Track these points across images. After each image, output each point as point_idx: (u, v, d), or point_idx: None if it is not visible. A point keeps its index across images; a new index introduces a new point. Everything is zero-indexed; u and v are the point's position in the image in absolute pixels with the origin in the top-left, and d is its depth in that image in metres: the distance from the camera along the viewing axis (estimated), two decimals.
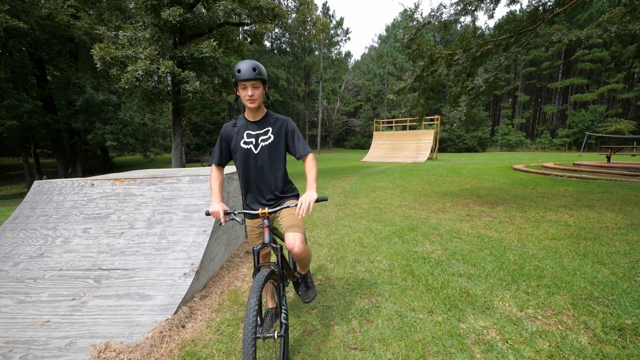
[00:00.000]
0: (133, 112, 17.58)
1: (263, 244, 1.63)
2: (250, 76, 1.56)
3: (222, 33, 11.49)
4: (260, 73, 1.59)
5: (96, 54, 8.67)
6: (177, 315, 2.08)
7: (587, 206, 5.05)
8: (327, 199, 1.57)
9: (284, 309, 1.59)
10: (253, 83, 1.60)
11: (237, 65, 1.59)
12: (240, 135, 1.76)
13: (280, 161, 1.81)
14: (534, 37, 4.93)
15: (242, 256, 3.36)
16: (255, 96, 1.63)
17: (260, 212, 1.61)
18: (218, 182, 1.79)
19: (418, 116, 6.76)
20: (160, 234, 2.75)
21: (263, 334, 1.41)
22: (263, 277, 1.45)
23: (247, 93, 1.61)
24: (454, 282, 2.54)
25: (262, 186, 1.80)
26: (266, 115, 1.78)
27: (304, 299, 1.93)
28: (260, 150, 1.75)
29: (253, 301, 1.33)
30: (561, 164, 11.67)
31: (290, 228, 1.72)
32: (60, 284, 2.39)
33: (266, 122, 1.76)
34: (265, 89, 1.68)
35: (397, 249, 3.42)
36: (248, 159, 1.76)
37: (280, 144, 1.77)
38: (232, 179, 3.52)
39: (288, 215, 1.76)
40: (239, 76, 1.57)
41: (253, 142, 1.75)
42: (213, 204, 1.68)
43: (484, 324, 1.98)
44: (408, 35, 5.35)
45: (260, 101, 1.68)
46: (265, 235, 1.64)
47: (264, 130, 1.75)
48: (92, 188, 3.24)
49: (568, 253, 3.13)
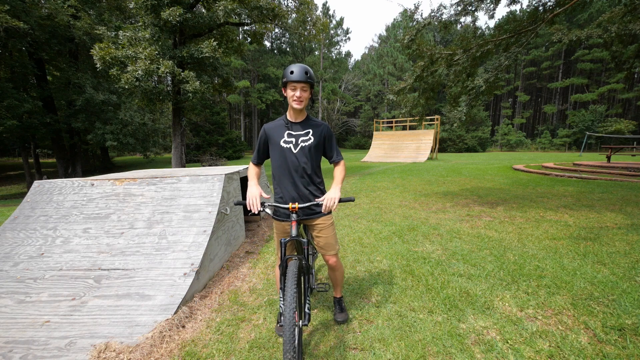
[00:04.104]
0: (133, 112, 17.56)
1: (291, 237, 1.68)
2: (301, 78, 1.65)
3: (222, 33, 11.48)
4: (311, 77, 1.69)
5: (96, 54, 8.67)
6: (177, 316, 2.08)
7: (587, 206, 5.04)
8: (354, 199, 1.68)
9: (308, 299, 1.70)
10: (303, 86, 1.68)
11: (290, 67, 1.68)
12: (281, 134, 1.84)
13: (316, 162, 1.89)
14: (534, 37, 4.92)
15: (242, 256, 3.36)
16: (303, 98, 1.71)
17: (291, 206, 1.69)
18: (256, 173, 1.89)
19: (418, 116, 6.75)
20: (160, 234, 2.75)
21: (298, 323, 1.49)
22: (296, 267, 1.55)
23: (295, 94, 1.69)
24: (454, 282, 2.54)
25: (296, 184, 1.85)
26: (307, 118, 1.87)
27: (337, 318, 2.09)
28: (299, 150, 1.82)
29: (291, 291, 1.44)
30: (561, 164, 11.67)
31: (326, 246, 1.92)
32: (60, 284, 2.39)
33: (307, 125, 1.85)
34: (311, 93, 1.77)
35: (397, 249, 3.42)
36: (286, 157, 1.83)
37: (318, 146, 1.85)
38: (232, 179, 3.52)
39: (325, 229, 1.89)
40: (290, 77, 1.65)
41: (293, 142, 1.83)
42: (250, 187, 1.75)
43: (484, 324, 1.98)
44: (408, 36, 5.34)
45: (306, 103, 1.76)
46: (292, 228, 1.69)
47: (304, 132, 1.83)
48: (92, 188, 3.24)
49: (568, 253, 3.12)
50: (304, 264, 1.69)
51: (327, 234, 1.90)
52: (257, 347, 1.84)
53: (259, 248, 3.64)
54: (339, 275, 2.06)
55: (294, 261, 1.60)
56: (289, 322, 1.37)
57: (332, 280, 2.10)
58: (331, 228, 1.92)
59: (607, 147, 11.28)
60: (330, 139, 1.88)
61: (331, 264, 1.97)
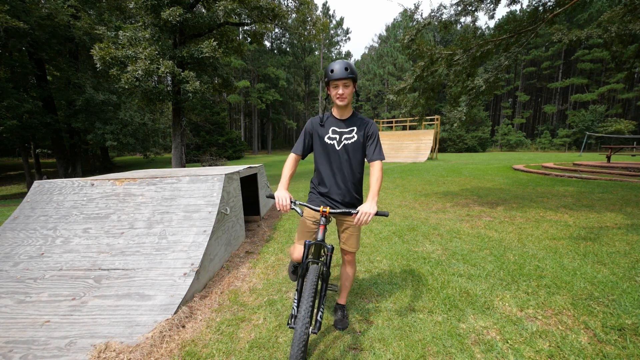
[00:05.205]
0: (133, 112, 17.56)
1: (317, 241, 1.64)
2: (342, 75, 1.62)
3: (222, 33, 11.49)
4: (352, 72, 1.64)
5: (96, 54, 8.67)
6: (177, 315, 2.08)
7: (587, 206, 5.04)
8: (388, 214, 1.55)
9: (322, 307, 1.64)
10: (344, 82, 1.66)
11: (330, 65, 1.66)
12: (326, 130, 1.82)
13: (358, 161, 1.84)
14: (534, 37, 4.93)
15: (242, 256, 3.36)
16: (345, 94, 1.69)
17: (322, 209, 1.63)
18: (290, 172, 1.80)
19: (418, 116, 6.75)
20: (160, 234, 2.75)
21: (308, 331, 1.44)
22: (317, 273, 1.50)
23: (337, 91, 1.67)
24: (454, 282, 2.54)
25: (336, 181, 1.84)
26: (353, 115, 1.83)
27: (337, 325, 2.04)
28: (342, 147, 1.80)
29: (308, 300, 1.39)
30: (561, 164, 11.67)
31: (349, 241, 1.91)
32: (60, 284, 2.39)
33: (352, 122, 1.81)
34: (355, 87, 1.73)
35: (397, 249, 3.42)
36: (328, 154, 1.82)
37: (362, 144, 1.81)
38: (233, 179, 3.52)
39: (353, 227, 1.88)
40: (331, 76, 1.64)
41: (337, 138, 1.81)
42: (280, 190, 1.69)
43: (484, 324, 1.98)
44: (408, 36, 5.34)
45: (349, 99, 1.74)
46: (319, 232, 1.65)
47: (349, 130, 1.80)
48: (92, 188, 3.24)
49: (568, 253, 3.12)
50: (325, 271, 1.65)
51: (354, 231, 1.90)
52: (257, 347, 1.84)
53: (259, 248, 3.63)
54: (351, 274, 2.04)
55: (315, 266, 1.56)
56: (300, 331, 1.33)
57: (342, 281, 2.08)
58: (359, 227, 1.91)
59: (607, 147, 11.28)
60: (372, 137, 1.80)
61: (348, 260, 1.98)
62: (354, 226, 1.88)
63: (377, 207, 1.57)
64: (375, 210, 1.55)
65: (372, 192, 1.66)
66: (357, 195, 1.89)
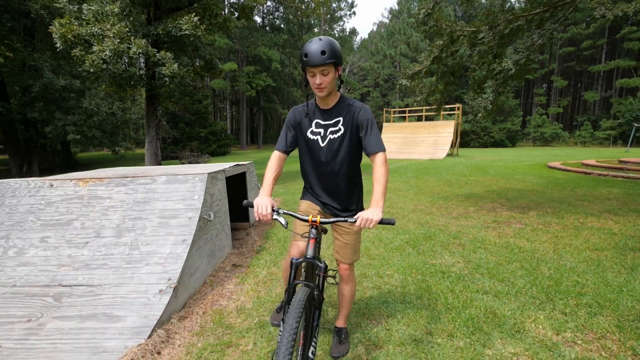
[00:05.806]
0: (99, 100, 17.55)
1: (305, 258, 1.55)
2: (318, 62, 1.49)
3: (205, 7, 11.46)
4: (332, 56, 1.50)
5: (56, 32, 8.67)
6: (151, 340, 2.08)
7: (635, 211, 5.05)
8: (395, 222, 1.44)
9: (314, 341, 1.53)
10: (322, 69, 1.53)
11: (305, 46, 1.53)
12: (309, 123, 1.77)
13: (349, 159, 1.78)
14: (573, 11, 4.94)
15: (228, 270, 3.37)
16: (325, 84, 1.58)
17: (311, 219, 1.52)
18: (274, 173, 1.75)
19: (436, 105, 6.76)
20: (132, 244, 2.75)
21: None
22: (305, 296, 1.39)
23: (315, 81, 1.57)
24: (478, 301, 2.54)
25: (324, 186, 1.81)
26: (339, 102, 1.73)
27: (333, 353, 1.93)
28: (328, 143, 1.73)
29: (291, 327, 1.25)
30: (605, 161, 11.69)
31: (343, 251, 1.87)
32: (13, 303, 2.39)
33: (337, 111, 1.73)
34: (339, 71, 1.62)
35: (411, 261, 3.42)
36: (312, 153, 1.79)
37: (351, 137, 1.72)
38: (217, 179, 3.52)
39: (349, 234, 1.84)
40: (305, 61, 1.52)
41: (321, 133, 1.74)
42: (261, 196, 1.61)
43: (513, 350, 1.98)
44: (424, 10, 5.35)
45: (330, 88, 1.63)
46: (309, 248, 1.56)
47: (334, 121, 1.72)
48: (51, 189, 3.24)
49: (613, 266, 3.13)
50: (316, 296, 1.52)
51: (349, 240, 1.86)
52: None
53: (248, 260, 3.64)
54: (349, 292, 1.95)
55: (303, 289, 1.45)
56: None
57: (339, 298, 2.01)
58: (357, 235, 1.87)
59: None
60: (364, 125, 1.69)
61: (343, 274, 1.91)
62: (349, 233, 1.84)
63: (382, 214, 1.46)
64: (379, 217, 1.42)
65: (376, 194, 1.55)
66: (354, 199, 1.87)
